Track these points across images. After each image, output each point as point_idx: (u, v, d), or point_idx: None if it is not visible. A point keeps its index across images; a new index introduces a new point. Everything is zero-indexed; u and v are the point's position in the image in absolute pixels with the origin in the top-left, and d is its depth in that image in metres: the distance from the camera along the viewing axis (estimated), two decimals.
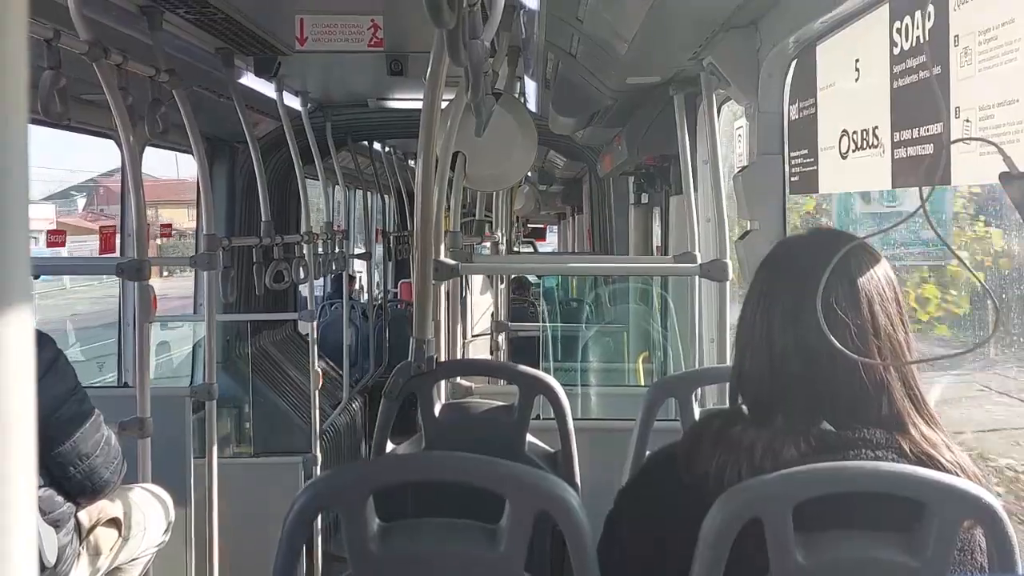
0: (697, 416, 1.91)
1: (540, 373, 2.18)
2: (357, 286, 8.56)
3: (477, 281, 8.67)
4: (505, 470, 1.18)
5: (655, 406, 1.99)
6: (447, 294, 3.34)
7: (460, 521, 1.19)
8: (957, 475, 1.14)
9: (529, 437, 2.09)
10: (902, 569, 1.06)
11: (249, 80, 3.83)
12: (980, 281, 1.24)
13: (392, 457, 1.90)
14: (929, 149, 1.61)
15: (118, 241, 3.90)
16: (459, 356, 4.23)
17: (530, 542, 1.17)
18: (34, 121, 3.40)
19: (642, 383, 4.90)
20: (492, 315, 5.62)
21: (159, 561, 2.72)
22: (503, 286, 5.64)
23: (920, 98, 1.65)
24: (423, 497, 1.68)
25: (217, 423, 3.26)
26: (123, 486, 2.31)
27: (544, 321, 5.31)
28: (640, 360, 5.11)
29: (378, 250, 8.05)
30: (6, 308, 0.39)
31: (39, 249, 3.89)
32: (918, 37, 1.65)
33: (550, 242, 19.36)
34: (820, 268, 1.20)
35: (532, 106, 4.30)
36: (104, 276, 6.10)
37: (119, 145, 2.82)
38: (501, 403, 2.15)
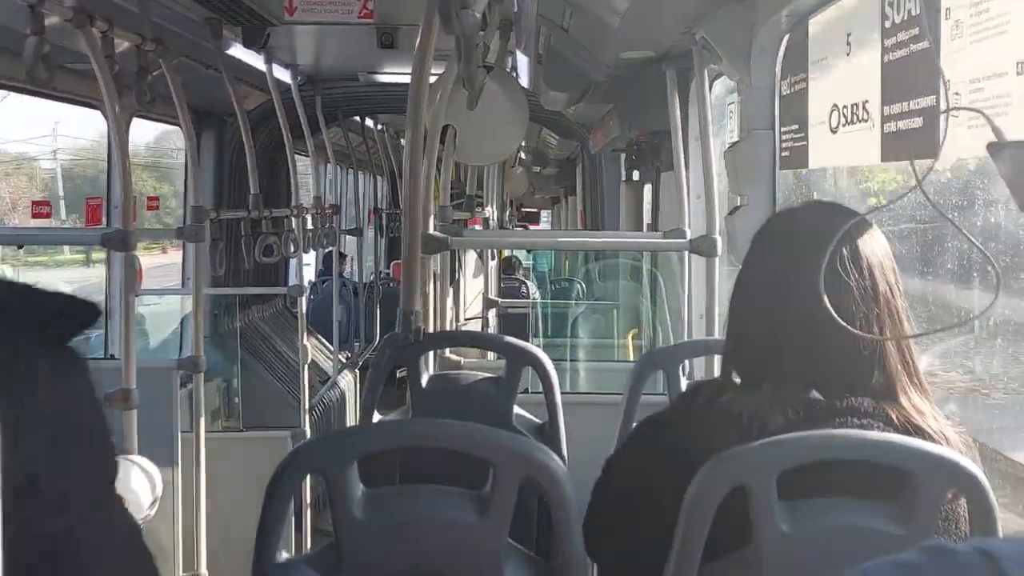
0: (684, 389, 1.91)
1: (528, 344, 2.18)
2: (348, 268, 8.56)
3: (470, 265, 8.66)
4: (490, 436, 1.18)
5: (643, 378, 1.99)
6: (437, 272, 3.33)
7: (445, 487, 1.19)
8: (941, 444, 1.14)
9: (517, 409, 2.09)
10: (887, 537, 1.07)
11: (238, 52, 3.78)
12: (983, 251, 1.24)
13: (378, 424, 1.90)
14: (919, 122, 1.61)
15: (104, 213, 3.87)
16: None
17: (516, 510, 1.17)
18: (20, 89, 3.37)
19: (631, 358, 4.91)
20: (483, 294, 5.62)
21: (146, 534, 2.71)
22: (493, 263, 5.62)
23: (911, 71, 1.64)
24: (409, 468, 1.67)
25: (205, 397, 3.25)
26: None
27: (534, 299, 5.31)
28: (629, 336, 5.12)
29: (369, 233, 8.03)
30: None
31: None
32: (910, 10, 1.65)
33: (544, 227, 19.38)
34: (820, 237, 1.19)
35: (524, 81, 4.27)
36: None
37: (104, 115, 2.78)
38: (489, 374, 2.15)
